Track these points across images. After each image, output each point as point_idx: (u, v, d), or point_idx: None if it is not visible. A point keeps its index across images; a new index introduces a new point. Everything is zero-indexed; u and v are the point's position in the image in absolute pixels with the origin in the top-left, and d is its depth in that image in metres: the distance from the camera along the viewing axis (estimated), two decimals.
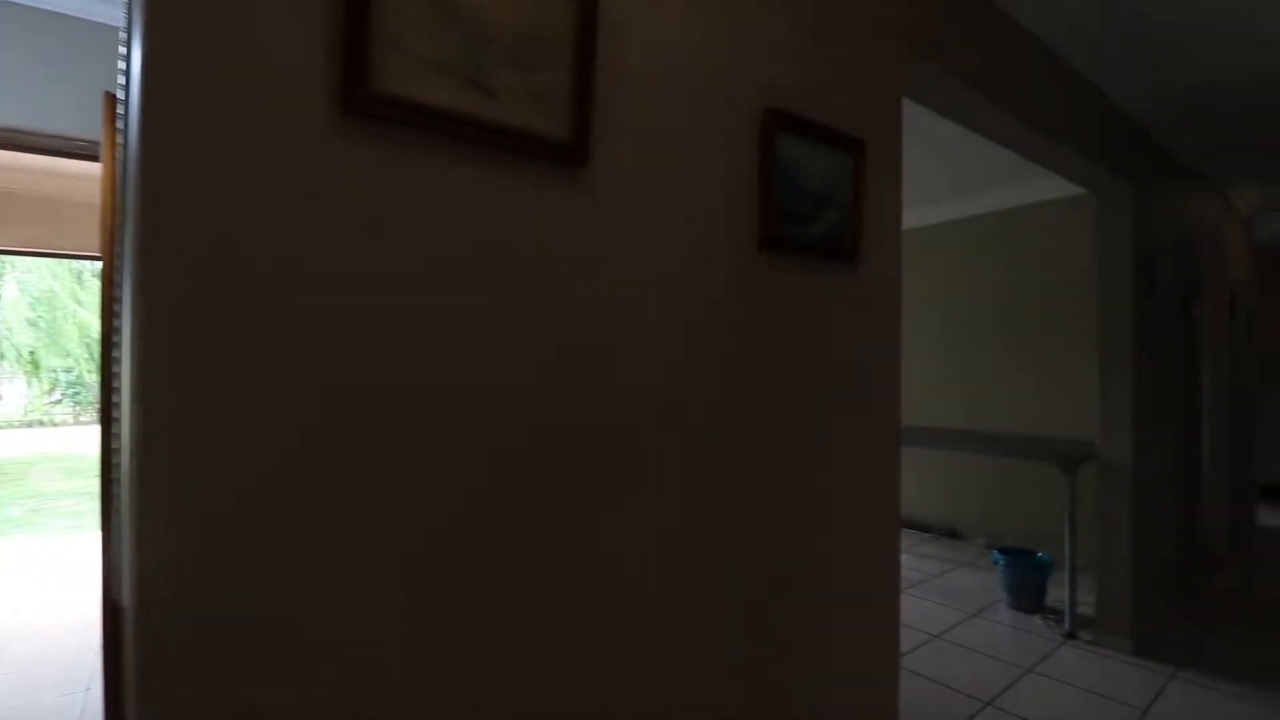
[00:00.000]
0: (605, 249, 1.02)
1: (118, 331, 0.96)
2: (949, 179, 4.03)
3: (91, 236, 4.03)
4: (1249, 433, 5.00)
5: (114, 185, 1.38)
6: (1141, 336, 2.88)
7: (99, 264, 1.87)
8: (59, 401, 14.92)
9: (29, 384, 14.42)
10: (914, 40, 1.60)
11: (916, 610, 3.28)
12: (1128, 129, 2.80)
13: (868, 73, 1.49)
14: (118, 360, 1.00)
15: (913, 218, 4.80)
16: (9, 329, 13.81)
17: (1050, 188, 4.06)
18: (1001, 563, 3.30)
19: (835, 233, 1.37)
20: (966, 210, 4.52)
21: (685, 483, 1.13)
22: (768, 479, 1.27)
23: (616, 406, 1.04)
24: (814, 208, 1.32)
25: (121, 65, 0.85)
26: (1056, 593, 3.37)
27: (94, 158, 1.98)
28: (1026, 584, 3.24)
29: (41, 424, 14.00)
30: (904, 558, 4.08)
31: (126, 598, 0.69)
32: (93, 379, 14.09)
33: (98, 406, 3.44)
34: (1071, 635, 2.95)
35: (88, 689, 2.39)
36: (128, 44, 0.79)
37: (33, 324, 14.04)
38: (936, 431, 3.87)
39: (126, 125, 0.77)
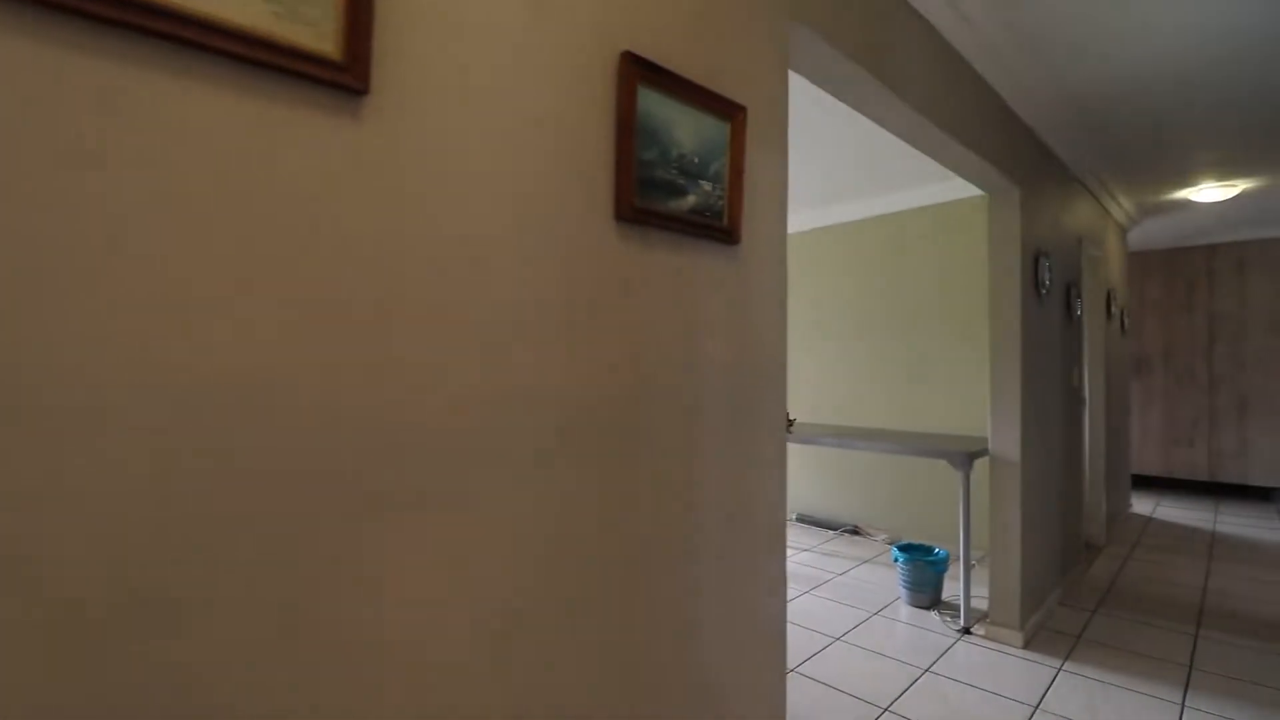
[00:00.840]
0: (392, 203, 0.79)
1: None
2: (852, 179, 4.03)
3: None
4: (1123, 426, 5.35)
5: None
6: (1029, 333, 2.92)
7: None
8: None
9: None
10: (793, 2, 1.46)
11: (818, 612, 3.22)
12: (1019, 131, 2.83)
13: (748, 32, 1.33)
14: None
15: (817, 218, 4.81)
16: None
17: (946, 190, 4.14)
18: (900, 560, 3.29)
19: (710, 208, 1.20)
20: (868, 210, 4.56)
21: (513, 504, 0.92)
22: (626, 496, 1.08)
23: (403, 402, 0.80)
24: (685, 178, 1.14)
25: None
26: (955, 587, 3.41)
27: None
28: (924, 581, 3.24)
29: None
30: (808, 557, 4.05)
31: None
32: None
33: None
34: (966, 631, 2.96)
35: None
36: None
37: None
38: (837, 430, 3.85)
39: None
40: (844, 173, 3.95)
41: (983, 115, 2.48)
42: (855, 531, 4.63)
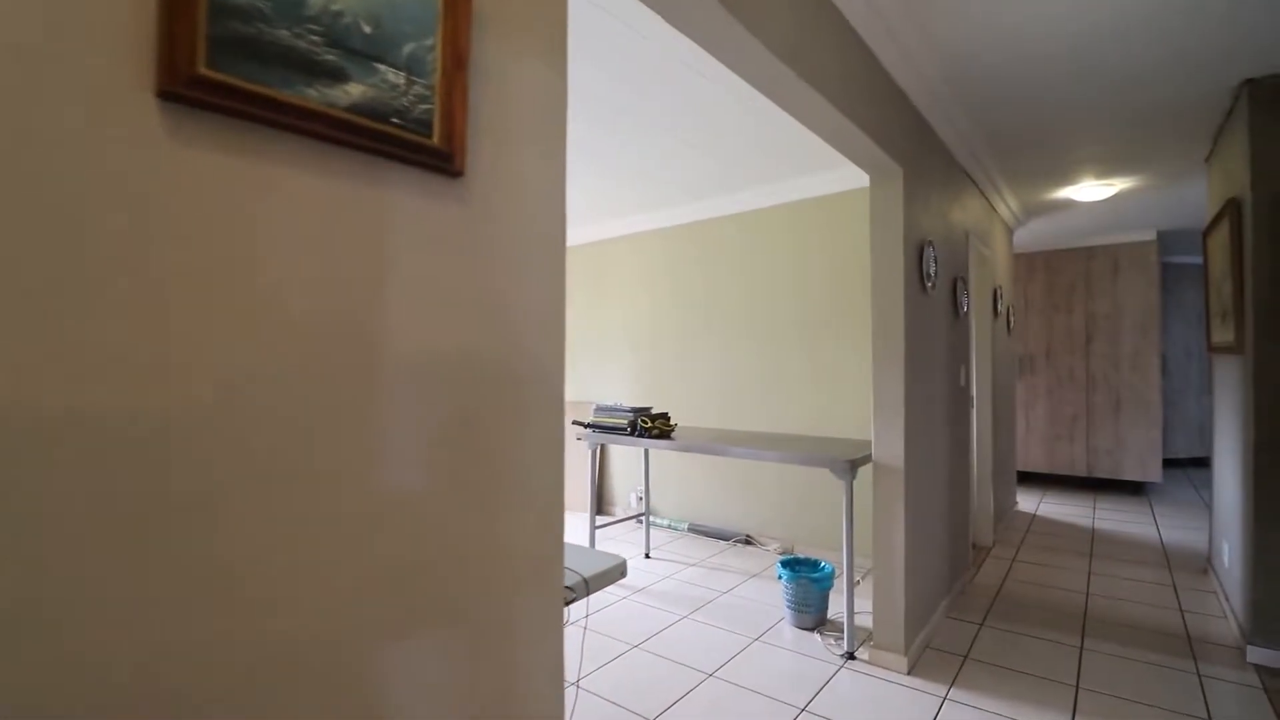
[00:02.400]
0: None
1: None
2: (720, 172, 3.74)
3: None
4: (1010, 425, 5.38)
5: None
6: (914, 329, 2.68)
7: None
8: None
9: None
10: None
11: (694, 641, 2.87)
12: (902, 106, 2.59)
13: None
14: None
15: (707, 209, 4.51)
16: None
17: (844, 179, 3.92)
18: (784, 578, 3.00)
19: (401, 112, 0.76)
20: (763, 200, 4.29)
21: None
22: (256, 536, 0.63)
23: None
24: (340, 52, 0.70)
25: None
26: (843, 603, 3.15)
27: None
28: (809, 600, 2.96)
29: None
30: (693, 573, 3.71)
31: None
32: None
33: None
34: (850, 656, 2.69)
35: None
36: None
37: None
38: (728, 435, 3.52)
39: None
40: (738, 160, 3.65)
41: (860, 81, 2.19)
42: (748, 541, 4.35)
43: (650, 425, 3.33)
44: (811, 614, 2.97)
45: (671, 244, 4.82)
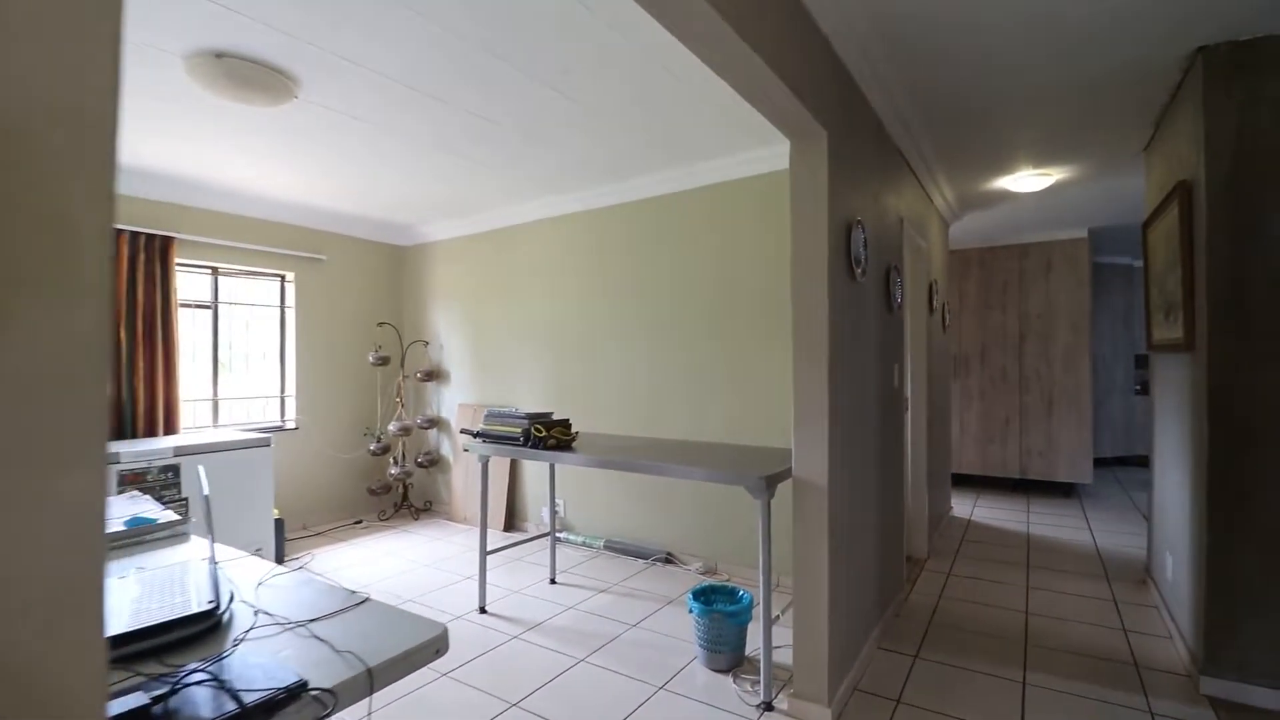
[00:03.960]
0: None
1: None
2: (635, 149, 3.31)
3: None
4: (946, 428, 5.15)
5: None
6: (841, 321, 2.30)
7: None
8: None
9: None
10: None
11: (591, 692, 2.41)
12: (828, 60, 2.20)
13: None
14: None
15: (613, 193, 4.06)
16: None
17: (755, 160, 3.53)
18: (695, 612, 2.57)
19: None
20: (678, 184, 3.87)
21: None
22: None
23: None
24: None
25: None
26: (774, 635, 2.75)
27: None
28: (723, 637, 2.54)
29: None
30: (602, 601, 3.25)
31: None
32: None
33: None
34: (768, 706, 2.28)
35: None
36: None
37: None
38: (628, 445, 3.08)
39: None
40: (657, 134, 3.20)
41: (777, 18, 1.78)
42: (668, 560, 3.93)
43: (545, 435, 2.85)
44: (726, 653, 2.56)
45: (583, 230, 4.35)
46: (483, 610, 3.20)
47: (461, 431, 3.21)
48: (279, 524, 4.00)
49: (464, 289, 5.08)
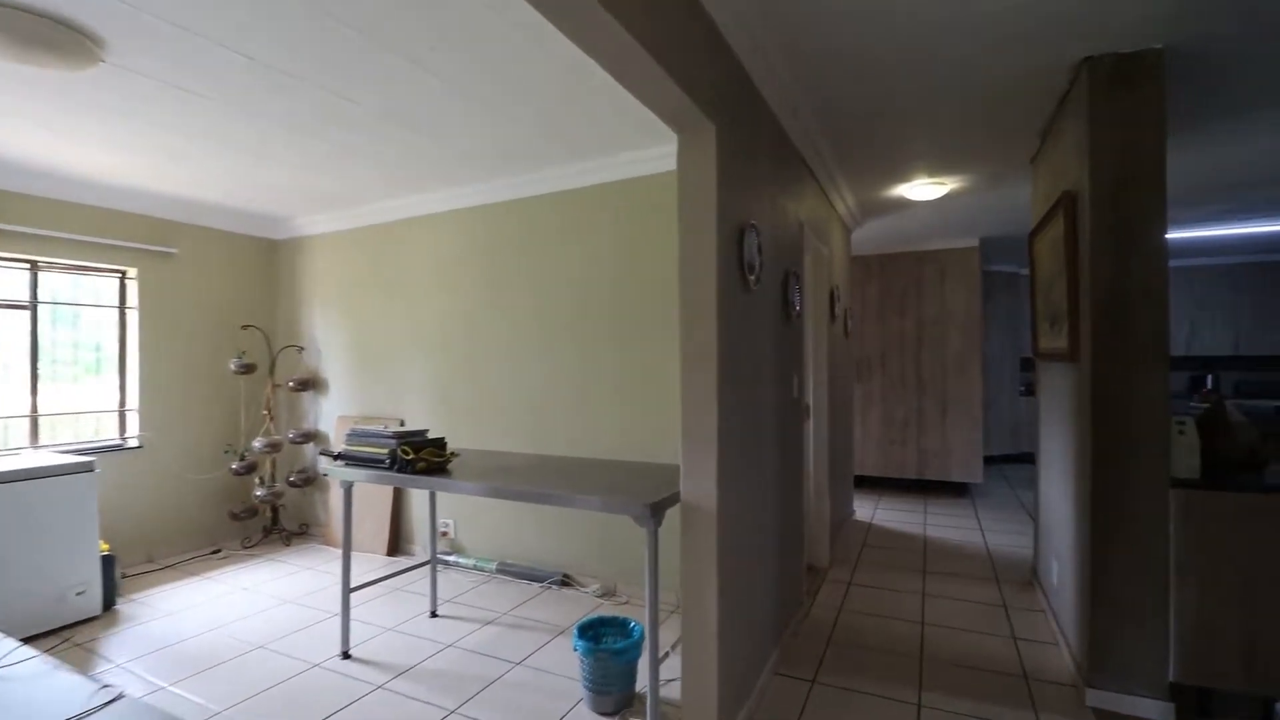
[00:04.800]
0: None
1: None
2: (529, 141, 3.04)
3: None
4: (848, 434, 5.18)
5: None
6: (733, 331, 2.12)
7: None
8: None
9: None
10: None
11: None
12: (725, 56, 2.02)
13: None
14: None
15: (489, 191, 3.76)
16: None
17: (658, 158, 3.34)
18: (579, 650, 2.33)
19: None
20: (560, 182, 3.62)
21: None
22: None
23: None
24: None
25: None
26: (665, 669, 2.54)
27: None
28: (610, 678, 2.32)
29: None
30: (487, 635, 2.95)
31: None
32: None
33: None
34: None
35: None
36: None
37: None
38: (509, 465, 2.80)
39: None
40: (551, 127, 2.93)
41: (680, 25, 1.57)
42: (565, 582, 3.66)
43: (413, 457, 2.52)
44: (614, 694, 2.33)
45: (475, 227, 4.02)
46: (346, 655, 2.82)
47: (320, 454, 2.82)
48: (108, 561, 3.42)
49: (346, 288, 4.61)
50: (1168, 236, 2.31)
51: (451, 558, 4.01)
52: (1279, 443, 2.47)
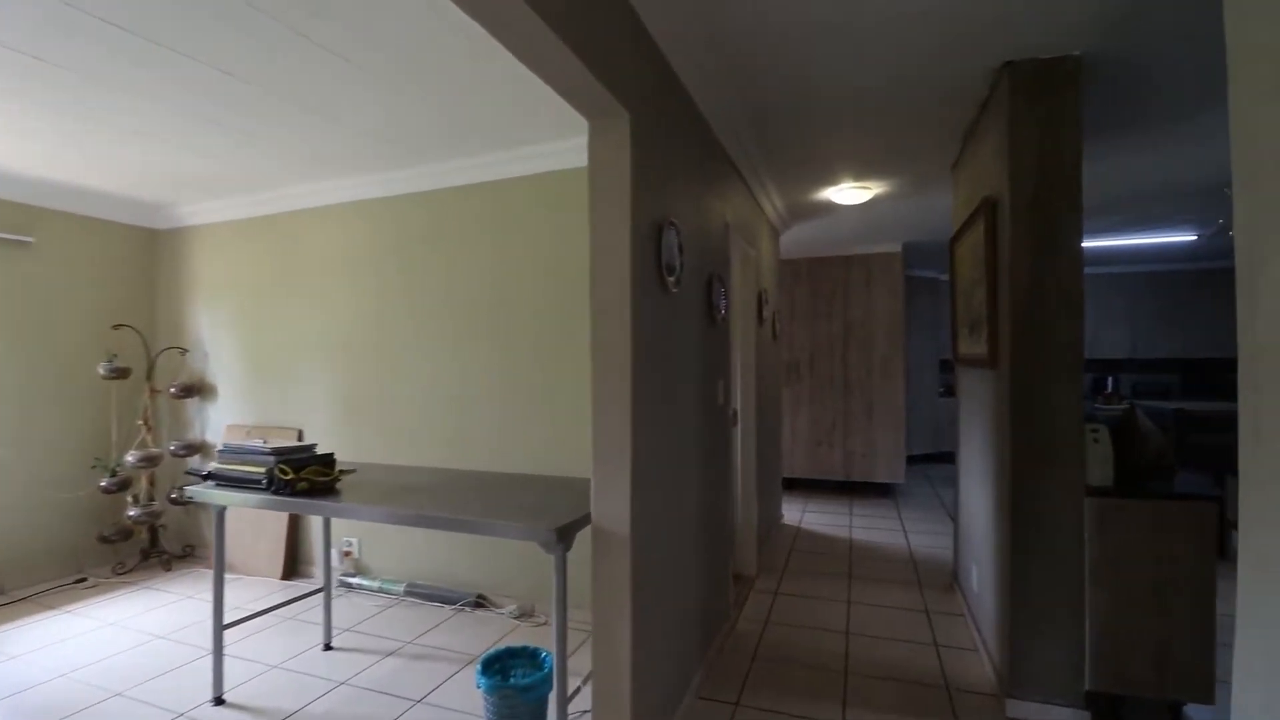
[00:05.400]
0: None
1: None
2: (445, 127, 2.79)
3: None
4: (776, 438, 5.14)
5: None
6: (649, 337, 1.96)
7: None
8: None
9: None
10: None
11: None
12: (640, 40, 1.85)
13: None
14: None
15: (402, 181, 3.47)
16: None
17: (578, 148, 3.15)
18: (483, 688, 2.11)
19: None
20: (480, 173, 3.38)
21: None
22: None
23: None
24: None
25: None
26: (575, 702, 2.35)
27: None
28: (516, 716, 2.11)
29: None
30: (386, 669, 2.68)
31: None
32: None
33: None
34: None
35: None
36: None
37: None
38: (411, 480, 2.55)
39: None
40: (468, 113, 2.67)
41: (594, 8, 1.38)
42: (480, 604, 3.41)
43: (293, 477, 2.23)
44: None
45: (384, 220, 3.71)
46: (219, 701, 2.48)
47: (187, 473, 2.47)
48: None
49: (238, 284, 4.18)
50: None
51: (355, 580, 3.68)
52: (1188, 449, 2.53)
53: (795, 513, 5.56)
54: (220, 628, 2.49)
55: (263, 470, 2.28)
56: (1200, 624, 2.18)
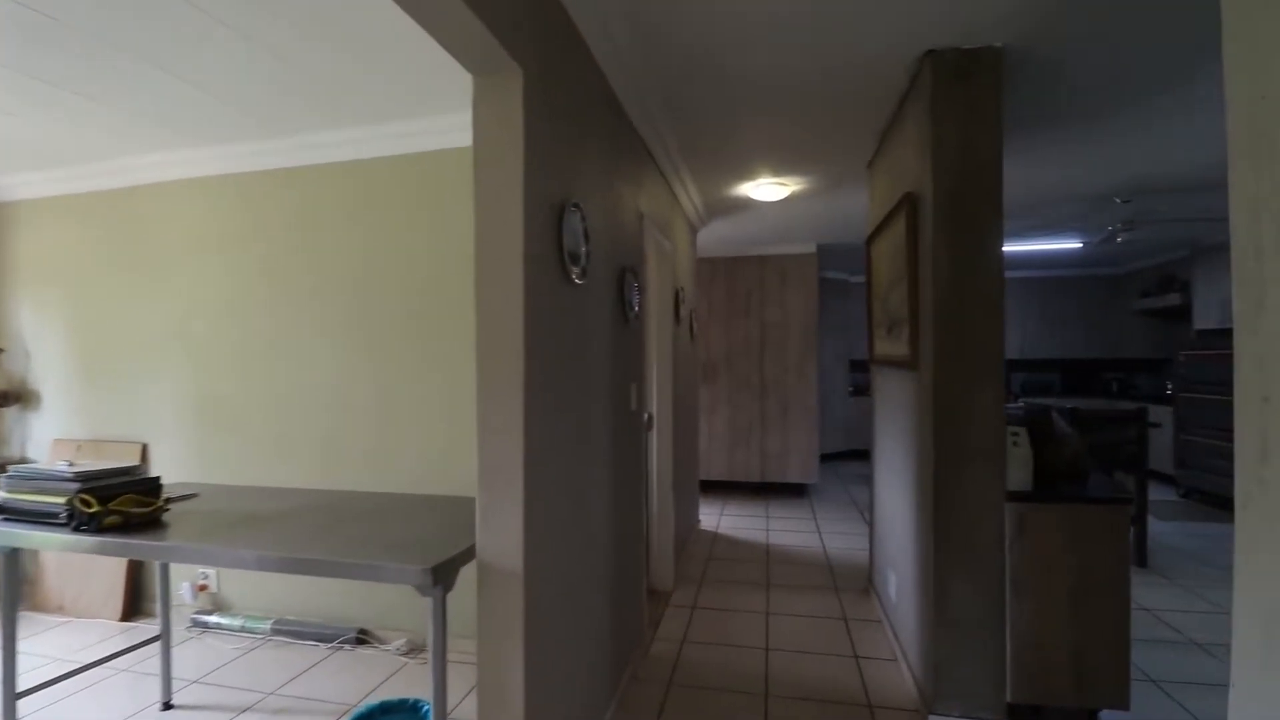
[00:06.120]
0: None
1: None
2: (287, 97, 2.40)
3: None
4: (694, 442, 4.97)
5: None
6: (547, 337, 1.68)
7: None
8: None
9: None
10: None
11: None
12: (559, 17, 1.57)
13: None
14: None
15: (263, 155, 3.02)
16: None
17: (457, 126, 2.81)
18: None
19: None
20: (356, 149, 2.97)
21: None
22: None
23: None
24: None
25: None
26: None
27: None
28: None
29: None
30: None
31: None
32: None
33: None
34: None
35: None
36: None
37: None
38: (252, 517, 2.15)
39: None
40: (342, 77, 2.27)
41: None
42: (362, 640, 3.00)
43: (98, 510, 1.78)
44: None
45: (241, 198, 3.20)
46: None
47: None
48: None
49: (68, 271, 3.52)
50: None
51: (212, 619, 3.16)
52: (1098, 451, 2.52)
53: (713, 517, 5.42)
54: (12, 696, 1.98)
55: (62, 501, 1.82)
56: (1115, 629, 2.15)
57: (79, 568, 3.37)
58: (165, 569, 2.53)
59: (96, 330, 3.46)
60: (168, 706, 2.47)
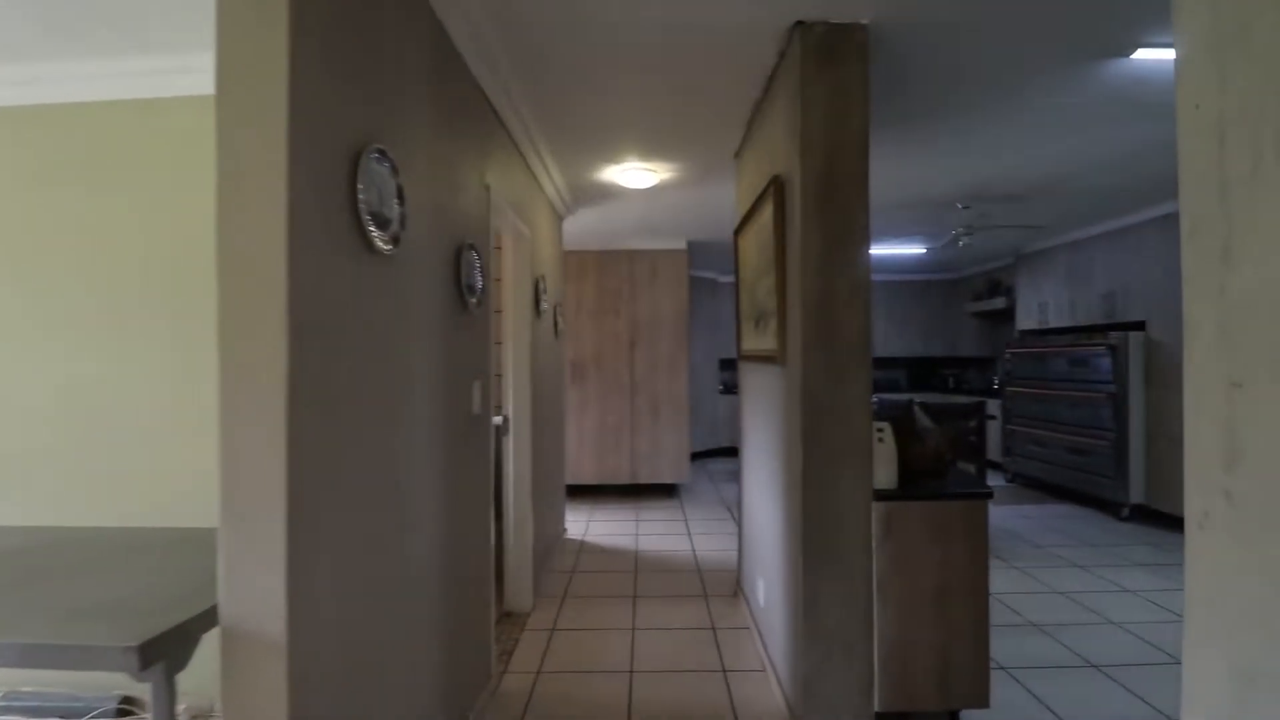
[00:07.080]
0: None
1: None
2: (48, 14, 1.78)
3: None
4: (558, 446, 4.62)
5: None
6: (334, 317, 1.28)
7: None
8: None
9: None
10: None
11: None
12: None
13: None
14: None
15: None
16: None
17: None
18: None
19: None
20: (78, 90, 2.32)
21: None
22: None
23: None
24: None
25: None
26: None
27: None
28: None
29: None
30: None
31: None
32: None
33: None
34: None
35: None
36: None
37: None
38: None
39: None
40: None
41: None
42: (126, 710, 2.35)
43: None
44: None
45: None
46: None
47: None
48: None
49: None
50: None
51: None
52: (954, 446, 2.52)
53: (580, 524, 5.12)
54: None
55: None
56: (976, 626, 2.11)
57: None
58: None
59: None
60: None
